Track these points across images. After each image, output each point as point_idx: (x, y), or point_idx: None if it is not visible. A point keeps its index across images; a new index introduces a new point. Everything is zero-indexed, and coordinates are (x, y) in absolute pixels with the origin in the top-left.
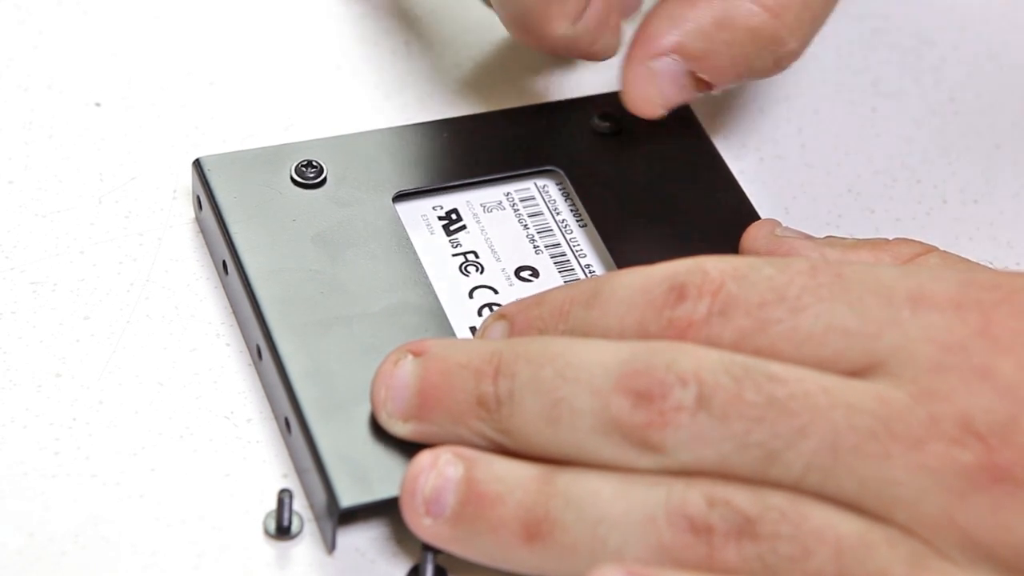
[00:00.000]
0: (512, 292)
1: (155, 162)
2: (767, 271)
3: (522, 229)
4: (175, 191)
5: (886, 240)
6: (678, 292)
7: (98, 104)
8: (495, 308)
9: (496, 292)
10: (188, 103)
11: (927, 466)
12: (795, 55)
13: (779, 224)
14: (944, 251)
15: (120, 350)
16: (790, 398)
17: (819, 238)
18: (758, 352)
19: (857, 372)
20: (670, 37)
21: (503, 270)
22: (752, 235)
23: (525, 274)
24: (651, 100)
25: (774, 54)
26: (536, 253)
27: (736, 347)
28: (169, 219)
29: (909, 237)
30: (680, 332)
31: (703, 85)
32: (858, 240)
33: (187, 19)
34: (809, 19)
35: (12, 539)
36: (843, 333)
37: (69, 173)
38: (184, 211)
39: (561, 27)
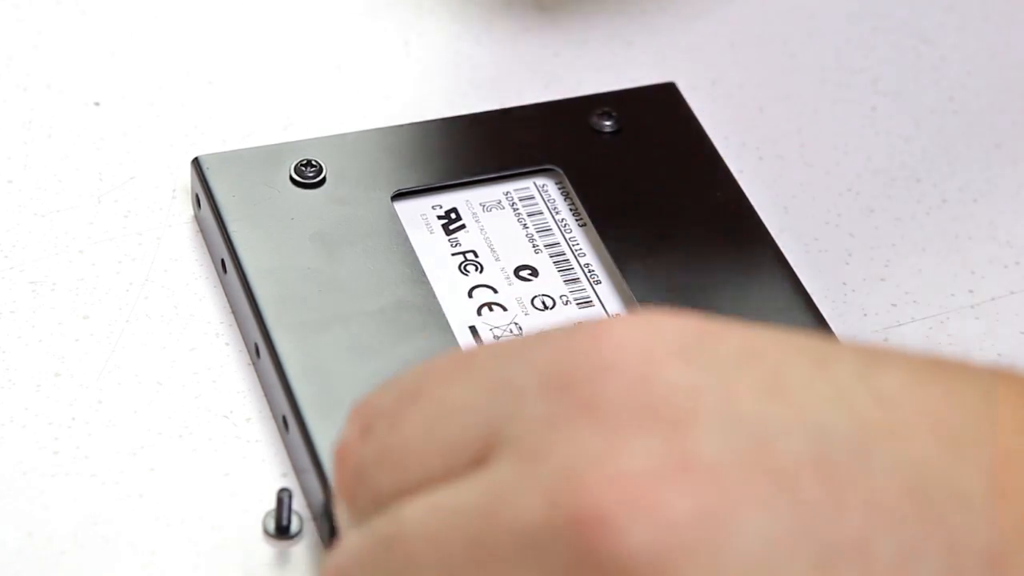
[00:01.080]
0: (511, 291)
1: (154, 161)
2: (399, 378)
3: (521, 228)
4: (174, 190)
5: None
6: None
7: (97, 103)
8: (495, 307)
9: (496, 291)
10: (187, 102)
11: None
12: None
13: None
14: None
15: (119, 349)
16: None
17: None
18: (399, 455)
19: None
20: None
21: (502, 269)
22: None
23: (524, 273)
24: None
25: None
26: (535, 252)
27: (379, 458)
28: (168, 219)
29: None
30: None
31: None
32: None
33: (186, 18)
34: None
35: (11, 538)
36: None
37: (68, 172)
38: (183, 211)
39: None
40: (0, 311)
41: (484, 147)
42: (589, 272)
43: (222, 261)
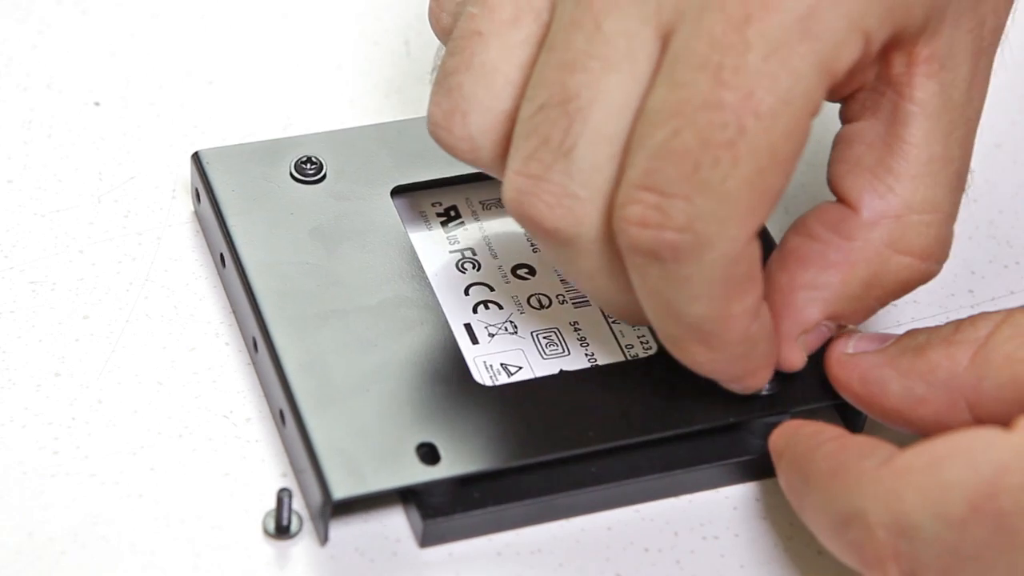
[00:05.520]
0: (508, 289)
1: (154, 161)
2: None
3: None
4: (174, 190)
5: (968, 320)
6: None
7: (97, 103)
8: (490, 305)
9: (492, 289)
10: (187, 102)
11: None
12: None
13: (849, 337)
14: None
15: (119, 349)
16: None
17: (893, 340)
18: None
19: None
20: (816, 310)
21: (500, 267)
22: (830, 361)
23: (522, 272)
24: (801, 361)
25: (919, 286)
26: (533, 251)
27: None
28: (168, 218)
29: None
30: None
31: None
32: (935, 329)
33: (186, 18)
34: (952, 235)
35: (11, 538)
36: None
37: (68, 172)
38: (183, 210)
39: (745, 325)
40: (0, 311)
41: None
42: None
43: (221, 255)
